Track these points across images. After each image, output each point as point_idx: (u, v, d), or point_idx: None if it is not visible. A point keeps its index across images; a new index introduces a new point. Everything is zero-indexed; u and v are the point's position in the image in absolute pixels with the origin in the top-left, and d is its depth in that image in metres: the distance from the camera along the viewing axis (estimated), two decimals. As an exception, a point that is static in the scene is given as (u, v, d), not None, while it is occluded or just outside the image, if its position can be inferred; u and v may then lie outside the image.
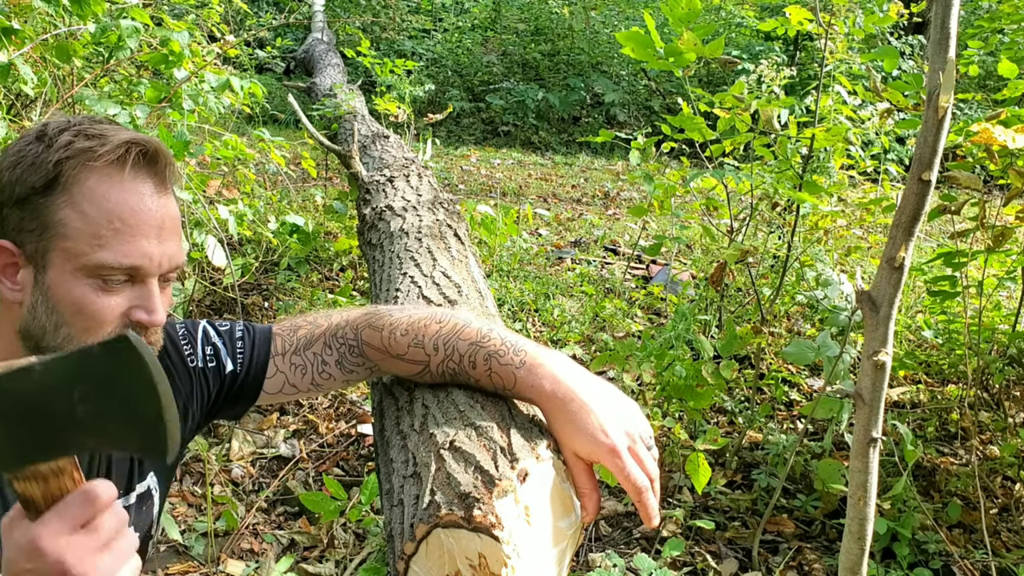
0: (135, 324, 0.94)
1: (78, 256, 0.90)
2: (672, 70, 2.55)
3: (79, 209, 0.90)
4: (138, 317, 0.94)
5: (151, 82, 2.79)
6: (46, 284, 0.91)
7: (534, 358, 1.07)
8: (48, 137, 0.92)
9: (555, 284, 4.30)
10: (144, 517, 1.12)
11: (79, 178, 0.91)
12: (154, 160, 0.95)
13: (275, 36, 8.68)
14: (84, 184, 0.91)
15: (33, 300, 0.92)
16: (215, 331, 1.21)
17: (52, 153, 0.91)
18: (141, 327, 0.94)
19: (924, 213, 1.15)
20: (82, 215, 0.90)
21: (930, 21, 1.13)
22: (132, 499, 1.10)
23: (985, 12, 6.16)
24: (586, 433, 0.98)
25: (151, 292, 0.94)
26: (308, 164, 4.07)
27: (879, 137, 3.36)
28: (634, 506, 1.02)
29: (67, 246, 0.90)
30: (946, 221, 4.17)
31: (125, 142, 0.93)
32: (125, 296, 0.93)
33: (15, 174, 0.91)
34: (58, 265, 0.91)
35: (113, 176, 0.92)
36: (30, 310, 0.92)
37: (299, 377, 1.21)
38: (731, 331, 2.58)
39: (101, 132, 0.93)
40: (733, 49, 8.92)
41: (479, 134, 9.42)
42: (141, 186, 0.94)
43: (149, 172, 0.95)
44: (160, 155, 0.96)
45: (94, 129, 0.94)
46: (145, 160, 0.94)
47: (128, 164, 0.93)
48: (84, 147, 0.91)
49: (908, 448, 2.09)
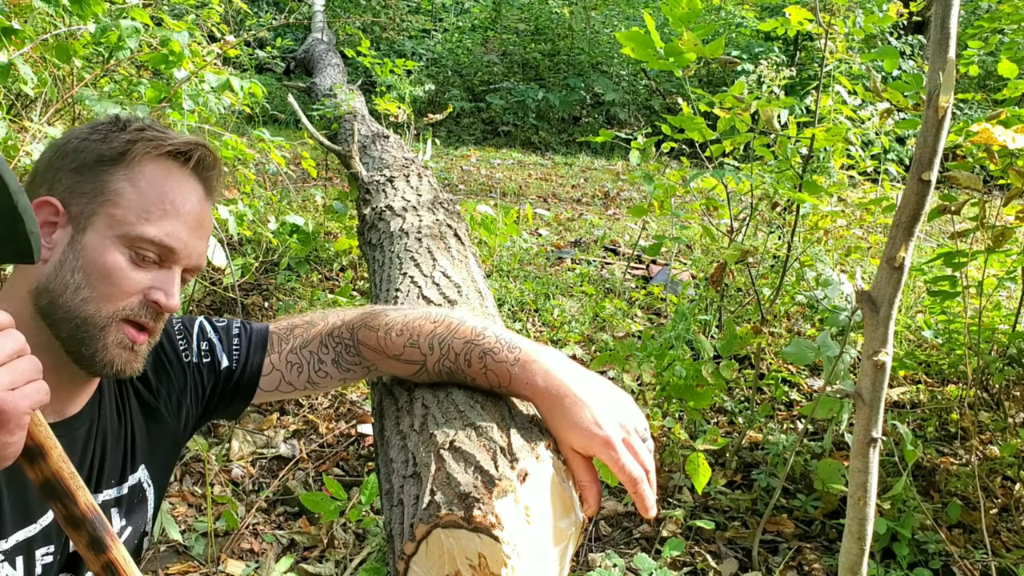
0: (151, 304, 0.98)
1: (123, 224, 0.96)
2: (672, 70, 2.55)
3: (136, 184, 0.98)
4: (156, 297, 0.98)
5: (151, 82, 2.79)
6: (81, 244, 0.96)
7: (528, 355, 1.08)
8: (123, 122, 1.02)
9: (555, 284, 4.31)
10: (138, 510, 1.12)
11: (145, 159, 0.99)
12: (210, 168, 1.05)
13: (275, 36, 8.68)
14: (147, 165, 1.00)
15: (63, 258, 0.96)
16: (211, 327, 1.22)
17: (126, 133, 1.00)
18: (156, 308, 0.99)
19: (924, 213, 1.15)
20: (138, 190, 0.98)
21: (930, 21, 1.13)
22: (124, 490, 1.10)
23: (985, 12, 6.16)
24: (580, 427, 0.99)
25: (174, 278, 1.00)
26: (308, 164, 4.07)
27: (879, 137, 3.36)
28: (634, 505, 1.02)
29: (115, 212, 0.97)
30: (946, 221, 4.17)
31: (193, 143, 1.03)
32: (151, 276, 0.98)
33: (85, 143, 1.00)
34: (100, 229, 0.96)
35: (173, 166, 1.01)
36: (56, 267, 0.96)
37: (295, 375, 1.22)
38: (731, 331, 2.58)
39: (171, 132, 1.04)
40: (733, 49, 8.92)
41: (479, 134, 9.42)
42: (193, 184, 1.03)
43: (203, 176, 1.04)
44: (216, 165, 1.06)
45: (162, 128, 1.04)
46: (204, 164, 1.04)
47: (191, 162, 1.02)
48: (156, 135, 1.01)
49: (908, 448, 2.09)
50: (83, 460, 1.03)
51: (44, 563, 0.98)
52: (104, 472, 1.06)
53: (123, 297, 0.96)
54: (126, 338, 0.97)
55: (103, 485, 1.06)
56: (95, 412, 1.06)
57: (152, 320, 0.99)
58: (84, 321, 0.95)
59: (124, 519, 1.10)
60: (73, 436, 1.02)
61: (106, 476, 1.07)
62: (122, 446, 1.10)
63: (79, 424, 1.03)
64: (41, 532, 0.98)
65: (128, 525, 1.11)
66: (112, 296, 0.96)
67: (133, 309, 0.97)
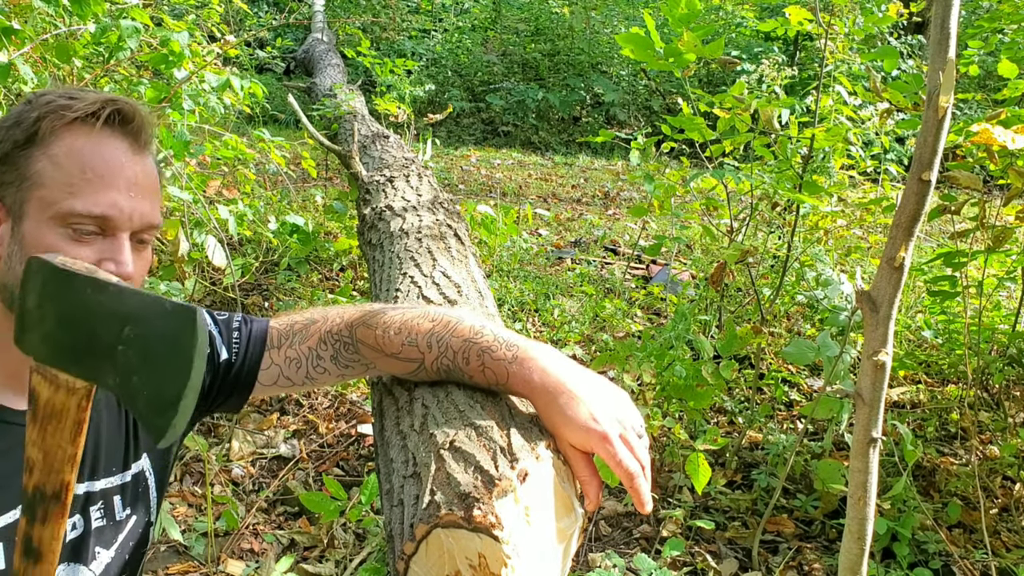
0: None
1: (51, 204, 0.94)
2: (672, 70, 2.55)
3: (55, 161, 0.95)
4: (106, 269, 0.95)
5: (151, 82, 2.79)
6: (21, 233, 0.94)
7: (525, 352, 1.08)
8: (33, 99, 0.98)
9: (555, 284, 4.30)
10: (142, 500, 1.13)
11: (55, 131, 0.95)
12: (128, 120, 0.99)
13: (275, 36, 8.68)
14: (59, 137, 0.95)
15: (9, 251, 0.95)
16: (212, 319, 1.22)
17: (33, 111, 0.96)
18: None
19: (924, 213, 1.15)
20: (57, 166, 0.94)
21: (930, 21, 1.13)
22: (128, 478, 1.10)
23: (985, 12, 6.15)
24: (577, 422, 1.00)
25: (121, 245, 0.97)
26: (308, 164, 4.07)
27: (879, 137, 3.36)
28: (633, 505, 1.03)
29: (41, 195, 0.94)
30: (946, 221, 4.17)
31: (100, 100, 0.97)
32: (95, 248, 0.96)
33: (2, 132, 0.97)
34: (33, 215, 0.94)
35: (86, 130, 0.97)
36: (6, 261, 0.95)
37: (294, 370, 1.22)
38: (731, 331, 2.58)
39: (81, 95, 0.98)
40: (733, 49, 8.91)
41: (479, 134, 9.42)
42: (114, 142, 0.98)
43: (124, 131, 0.99)
44: (136, 115, 0.99)
45: (76, 93, 0.99)
46: (120, 118, 0.98)
47: (101, 120, 0.97)
48: (62, 103, 0.96)
49: (908, 448, 2.09)
50: (87, 442, 1.03)
51: None
52: (101, 459, 1.06)
53: None
54: None
55: (100, 472, 1.06)
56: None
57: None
58: None
59: (129, 508, 1.10)
60: None
61: (103, 463, 1.07)
62: (123, 434, 1.10)
63: None
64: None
65: (132, 514, 1.11)
66: None
67: None
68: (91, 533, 1.05)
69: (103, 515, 1.06)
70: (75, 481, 1.01)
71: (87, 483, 1.04)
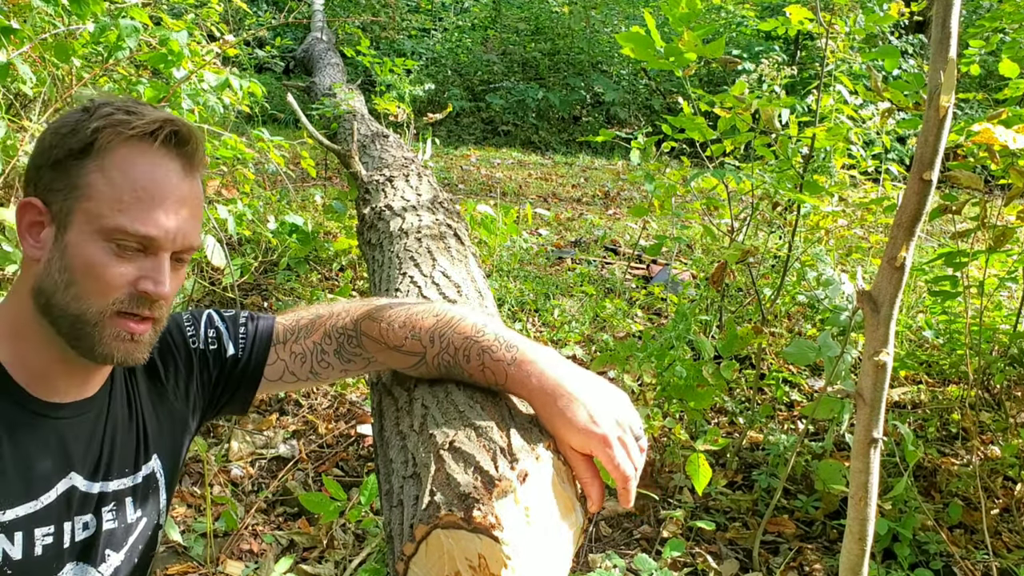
0: (141, 294, 0.96)
1: (98, 218, 0.94)
2: (672, 70, 2.55)
3: (107, 174, 0.95)
4: (144, 287, 0.96)
5: (150, 81, 2.78)
6: (64, 242, 0.95)
7: (524, 354, 1.09)
8: (92, 108, 0.98)
9: (555, 284, 4.30)
10: (151, 501, 1.13)
11: (111, 146, 0.96)
12: (184, 142, 1.00)
13: (274, 35, 8.67)
14: (115, 152, 0.96)
15: (50, 257, 0.96)
16: (219, 316, 1.24)
17: (91, 121, 0.96)
18: (147, 297, 0.97)
19: (925, 213, 1.14)
20: (108, 180, 0.95)
21: (931, 20, 1.13)
22: (139, 479, 1.11)
23: (986, 11, 6.15)
24: (577, 425, 1.01)
25: (161, 265, 0.97)
26: (307, 164, 4.07)
27: (880, 137, 3.36)
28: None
29: (89, 207, 0.95)
30: (947, 221, 4.17)
31: (160, 119, 0.98)
32: (136, 266, 0.96)
33: (56, 138, 0.97)
34: (78, 225, 0.95)
35: (142, 148, 0.97)
36: (46, 266, 0.96)
37: (299, 365, 1.23)
38: (731, 331, 2.58)
39: (140, 109, 0.99)
40: (734, 48, 8.91)
41: (479, 134, 9.41)
42: (168, 162, 0.99)
43: (178, 152, 1.00)
44: (192, 138, 1.00)
45: (135, 107, 0.99)
46: (176, 139, 0.99)
47: (158, 140, 0.97)
48: (121, 119, 0.96)
49: (909, 448, 2.09)
50: (90, 444, 1.04)
51: (44, 544, 0.98)
52: (115, 459, 1.07)
53: (111, 291, 0.95)
54: (123, 331, 0.96)
55: (113, 473, 1.07)
56: (106, 399, 1.07)
57: (148, 309, 0.97)
58: (77, 318, 0.95)
59: (139, 510, 1.10)
60: (83, 418, 1.03)
61: (116, 464, 1.07)
62: (134, 435, 1.11)
63: (90, 407, 1.04)
64: (42, 511, 0.98)
65: (143, 516, 1.11)
66: (99, 291, 0.95)
67: (124, 301, 0.96)
68: (102, 534, 1.05)
69: (115, 516, 1.06)
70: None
71: (101, 483, 1.05)
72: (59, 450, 1.00)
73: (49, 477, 0.98)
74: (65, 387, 1.01)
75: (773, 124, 2.71)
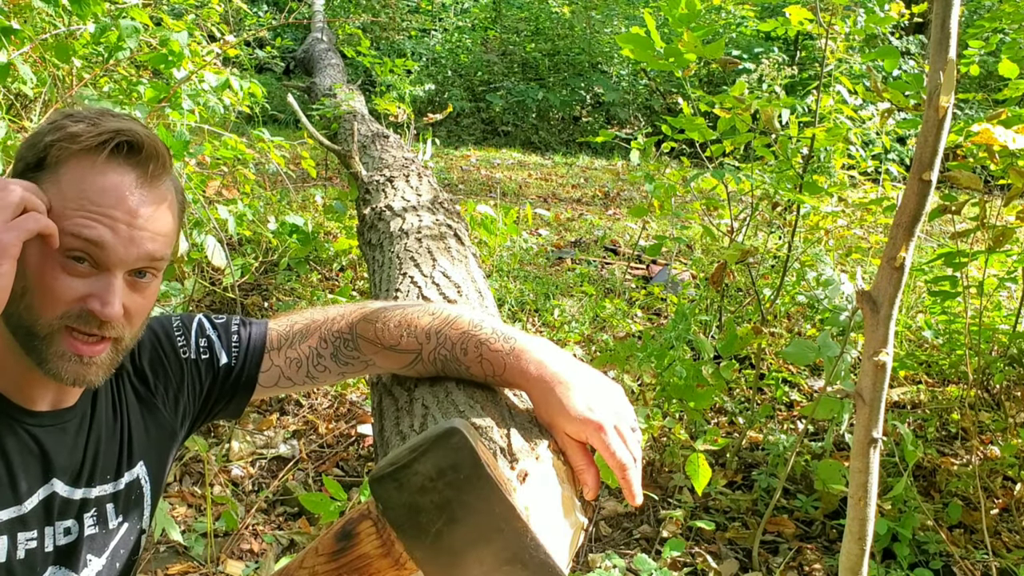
0: (88, 312, 0.93)
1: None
2: (672, 70, 2.55)
3: (59, 187, 0.94)
4: (91, 306, 0.93)
5: (151, 82, 2.79)
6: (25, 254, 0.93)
7: (522, 345, 1.11)
8: (55, 120, 0.98)
9: (555, 284, 4.30)
10: (136, 507, 1.12)
11: (62, 159, 0.94)
12: (138, 150, 0.96)
13: (275, 36, 8.67)
14: (65, 164, 0.94)
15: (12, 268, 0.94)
16: (210, 324, 1.21)
17: (47, 135, 0.96)
18: (93, 317, 0.94)
19: (925, 213, 1.14)
20: (59, 193, 0.93)
21: (931, 21, 1.13)
22: (121, 486, 1.10)
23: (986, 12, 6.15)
24: (573, 413, 1.02)
25: (109, 284, 0.94)
26: (308, 164, 4.07)
27: (880, 137, 3.36)
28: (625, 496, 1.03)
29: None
30: (947, 221, 4.17)
31: (110, 130, 0.95)
32: (87, 283, 0.94)
33: (22, 150, 0.98)
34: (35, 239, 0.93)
35: (95, 161, 0.95)
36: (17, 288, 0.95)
37: (294, 370, 1.22)
38: (731, 331, 2.58)
39: (97, 120, 0.96)
40: (734, 49, 8.91)
41: (479, 134, 9.41)
42: (119, 175, 0.95)
43: (130, 163, 0.96)
44: (144, 147, 0.97)
45: (96, 118, 0.97)
46: (128, 149, 0.96)
47: (106, 151, 0.95)
48: (72, 132, 0.95)
49: (908, 448, 2.09)
50: (73, 452, 1.03)
51: (27, 548, 0.98)
52: (98, 466, 1.06)
53: (60, 304, 0.93)
54: (69, 351, 0.94)
55: (96, 479, 1.06)
56: (88, 406, 1.06)
57: (98, 328, 0.94)
58: (28, 330, 0.93)
59: (121, 516, 1.10)
60: (63, 428, 1.02)
61: (100, 470, 1.07)
62: (118, 442, 1.10)
63: (70, 416, 1.03)
64: (24, 516, 0.98)
65: (125, 522, 1.10)
66: (48, 303, 0.92)
67: (71, 317, 0.93)
68: (83, 540, 1.04)
69: (96, 522, 1.06)
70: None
71: (84, 489, 1.04)
72: (41, 457, 0.99)
73: (31, 483, 0.98)
74: (41, 396, 1.00)
75: (773, 124, 2.71)
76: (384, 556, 0.78)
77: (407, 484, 0.76)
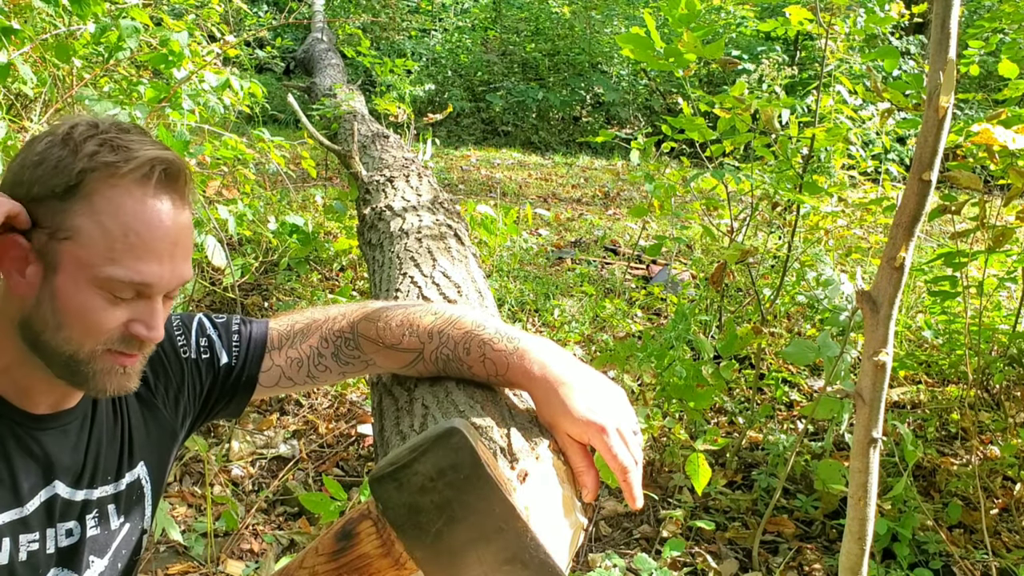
0: (132, 337, 0.95)
1: (90, 267, 0.91)
2: (672, 70, 2.55)
3: (96, 220, 0.90)
4: (136, 331, 0.94)
5: (151, 82, 2.79)
6: (55, 285, 0.92)
7: (525, 345, 1.11)
8: (74, 143, 0.92)
9: (555, 284, 4.30)
10: (136, 507, 1.12)
11: (100, 190, 0.91)
12: (175, 177, 0.95)
13: (275, 36, 8.67)
14: (104, 196, 0.91)
15: (40, 296, 0.93)
16: (211, 323, 1.21)
17: (77, 161, 0.91)
18: (137, 340, 0.95)
19: (925, 213, 1.14)
20: (99, 226, 0.90)
21: (931, 21, 1.13)
22: (122, 486, 1.10)
23: (986, 12, 6.15)
24: (575, 414, 1.02)
25: (154, 309, 0.95)
26: (308, 164, 4.07)
27: (880, 137, 3.36)
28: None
29: (80, 255, 0.91)
30: (946, 221, 4.17)
31: (150, 159, 0.93)
32: (129, 309, 0.94)
33: (36, 174, 0.92)
34: (69, 272, 0.91)
35: (135, 192, 0.92)
36: (35, 305, 0.93)
37: (295, 370, 1.22)
38: (731, 331, 2.58)
39: (127, 145, 0.93)
40: (734, 49, 8.91)
41: (479, 134, 9.41)
42: (160, 204, 0.94)
43: (169, 189, 0.95)
44: (181, 172, 0.96)
45: (120, 140, 0.93)
46: (167, 177, 0.94)
47: (152, 182, 0.93)
48: (109, 160, 0.91)
49: (908, 448, 2.09)
50: (75, 454, 1.03)
51: (29, 550, 0.98)
52: (99, 467, 1.06)
53: (103, 334, 0.93)
54: (115, 366, 0.95)
55: (98, 481, 1.06)
56: (88, 407, 1.06)
57: (137, 349, 0.96)
58: (70, 358, 0.93)
59: (122, 516, 1.10)
60: (64, 430, 1.02)
61: (101, 471, 1.07)
62: (118, 442, 1.10)
63: (71, 418, 1.03)
64: (27, 518, 0.98)
65: (127, 522, 1.11)
66: (91, 334, 0.93)
67: (114, 342, 0.94)
68: (86, 541, 1.05)
69: (97, 523, 1.06)
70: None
71: (85, 491, 1.04)
72: (43, 459, 0.99)
73: (33, 485, 0.98)
74: (46, 400, 1.00)
75: (773, 124, 2.71)
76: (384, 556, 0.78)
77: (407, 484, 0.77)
